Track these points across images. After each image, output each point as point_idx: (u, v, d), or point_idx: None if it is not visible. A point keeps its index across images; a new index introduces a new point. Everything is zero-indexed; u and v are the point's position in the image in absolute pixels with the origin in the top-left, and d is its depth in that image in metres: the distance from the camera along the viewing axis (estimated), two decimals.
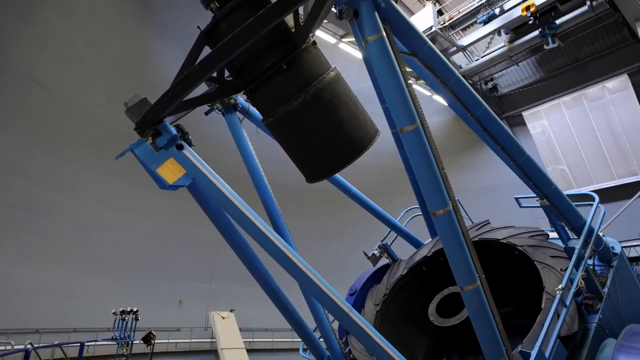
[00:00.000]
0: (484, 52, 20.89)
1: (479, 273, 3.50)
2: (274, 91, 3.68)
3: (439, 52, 3.89)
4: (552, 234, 5.37)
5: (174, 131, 3.42)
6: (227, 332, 19.21)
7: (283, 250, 3.49)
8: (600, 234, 5.01)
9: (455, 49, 20.29)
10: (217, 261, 19.76)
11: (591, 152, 20.70)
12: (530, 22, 17.48)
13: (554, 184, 4.65)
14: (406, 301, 5.92)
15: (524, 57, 20.71)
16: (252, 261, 4.23)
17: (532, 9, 16.66)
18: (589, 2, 16.60)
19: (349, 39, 18.62)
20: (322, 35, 17.99)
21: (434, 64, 3.85)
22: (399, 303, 5.87)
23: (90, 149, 16.24)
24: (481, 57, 20.88)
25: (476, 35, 19.59)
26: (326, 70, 3.70)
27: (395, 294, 5.89)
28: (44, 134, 15.46)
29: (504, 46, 19.74)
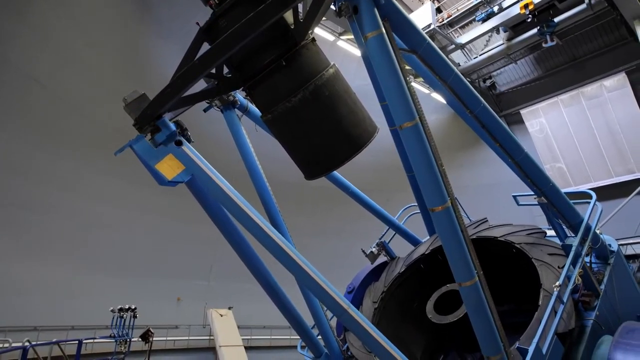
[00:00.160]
0: (482, 50, 20.83)
1: (477, 269, 3.51)
2: (273, 88, 3.66)
3: (438, 49, 3.89)
4: (550, 232, 5.40)
5: (173, 127, 3.40)
6: (226, 329, 19.20)
7: (282, 247, 3.48)
8: (598, 231, 5.04)
9: (453, 46, 20.26)
10: (216, 259, 19.76)
11: (589, 150, 20.71)
12: (529, 20, 17.45)
13: (552, 181, 4.67)
14: (404, 299, 5.93)
15: (522, 55, 20.67)
16: (250, 258, 4.22)
17: (530, 7, 16.63)
18: (587, 0, 16.58)
19: (347, 36, 18.57)
20: (321, 33, 17.94)
21: (433, 61, 3.86)
22: (397, 300, 5.89)
23: (90, 148, 16.19)
24: (479, 55, 20.82)
25: (474, 33, 19.54)
26: (325, 67, 3.69)
27: (393, 291, 5.90)
28: (43, 133, 15.42)
29: (502, 44, 19.71)
